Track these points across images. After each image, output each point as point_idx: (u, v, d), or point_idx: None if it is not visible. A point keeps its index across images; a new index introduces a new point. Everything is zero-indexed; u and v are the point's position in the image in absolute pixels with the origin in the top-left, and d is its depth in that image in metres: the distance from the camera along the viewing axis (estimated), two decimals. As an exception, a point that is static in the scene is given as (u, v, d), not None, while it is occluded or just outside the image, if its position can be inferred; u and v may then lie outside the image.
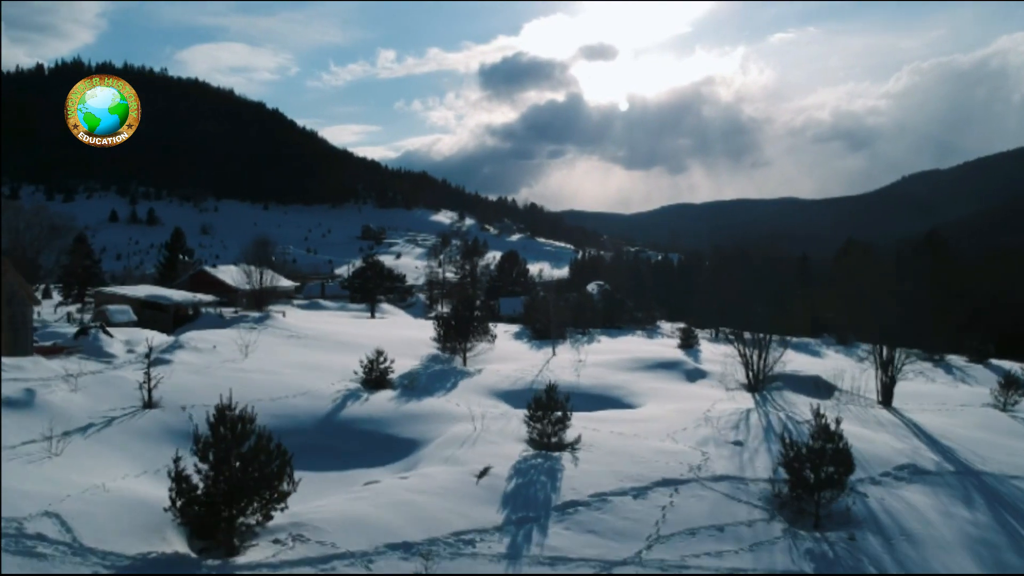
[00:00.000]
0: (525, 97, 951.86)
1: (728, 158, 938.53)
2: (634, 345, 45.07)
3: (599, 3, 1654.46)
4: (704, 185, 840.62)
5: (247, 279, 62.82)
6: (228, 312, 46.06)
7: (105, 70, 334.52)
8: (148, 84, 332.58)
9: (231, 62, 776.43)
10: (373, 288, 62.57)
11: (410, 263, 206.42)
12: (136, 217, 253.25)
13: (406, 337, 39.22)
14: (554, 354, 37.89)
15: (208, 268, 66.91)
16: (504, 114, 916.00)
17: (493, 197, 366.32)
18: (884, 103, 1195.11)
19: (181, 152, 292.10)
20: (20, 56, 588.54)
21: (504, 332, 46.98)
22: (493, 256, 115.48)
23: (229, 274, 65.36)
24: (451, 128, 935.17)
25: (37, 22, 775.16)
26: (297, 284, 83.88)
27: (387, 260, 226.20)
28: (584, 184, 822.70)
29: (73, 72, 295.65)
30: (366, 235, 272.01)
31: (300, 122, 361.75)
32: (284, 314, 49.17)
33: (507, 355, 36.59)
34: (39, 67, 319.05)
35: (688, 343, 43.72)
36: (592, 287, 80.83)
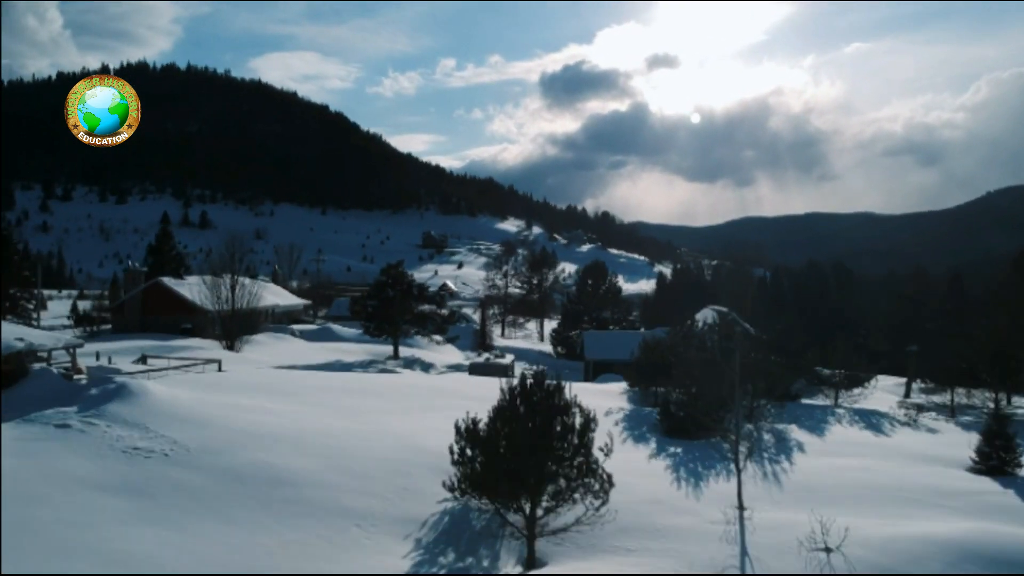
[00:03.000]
0: (587, 107, 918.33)
1: (796, 171, 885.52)
2: (873, 458, 21.97)
3: (671, 11, 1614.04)
4: (771, 198, 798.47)
5: (217, 297, 43.40)
6: (141, 359, 25.38)
7: (168, 71, 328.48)
8: (208, 85, 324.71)
9: (303, 70, 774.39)
10: (395, 314, 41.73)
11: (473, 273, 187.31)
12: (188, 220, 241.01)
13: (401, 439, 18.15)
14: (743, 509, 16.06)
15: (167, 280, 47.30)
16: (564, 124, 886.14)
17: (562, 206, 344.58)
18: (961, 116, 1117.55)
19: (239, 154, 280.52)
20: (91, 63, 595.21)
21: (604, 412, 24.94)
22: (563, 268, 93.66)
23: (195, 288, 45.81)
24: (513, 137, 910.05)
25: (111, 28, 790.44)
26: (307, 302, 64.03)
27: (448, 270, 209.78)
28: (647, 196, 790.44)
29: (137, 74, 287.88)
30: (427, 243, 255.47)
31: (366, 129, 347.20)
32: (220, 365, 28.69)
33: (628, 520, 14.92)
34: (104, 67, 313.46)
35: (1002, 462, 19.97)
36: (708, 315, 58.28)
